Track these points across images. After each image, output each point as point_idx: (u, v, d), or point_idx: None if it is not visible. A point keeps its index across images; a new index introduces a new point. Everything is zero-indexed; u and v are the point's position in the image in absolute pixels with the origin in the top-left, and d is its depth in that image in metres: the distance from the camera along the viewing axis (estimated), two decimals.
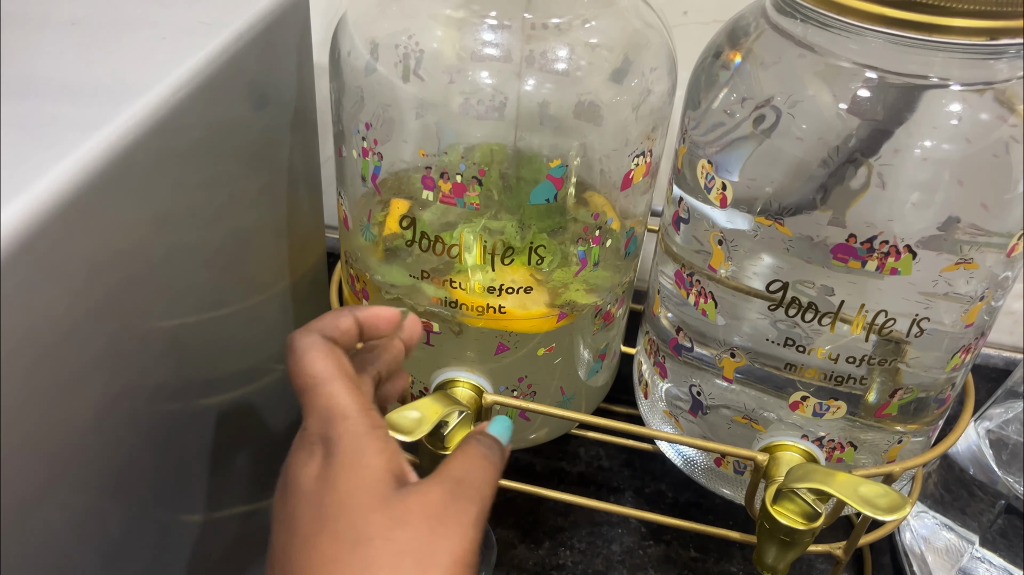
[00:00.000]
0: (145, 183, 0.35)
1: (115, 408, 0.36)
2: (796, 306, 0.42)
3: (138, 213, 0.35)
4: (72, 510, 0.35)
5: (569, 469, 0.69)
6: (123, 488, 0.38)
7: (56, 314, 0.31)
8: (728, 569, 0.62)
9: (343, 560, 0.30)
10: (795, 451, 0.46)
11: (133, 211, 0.35)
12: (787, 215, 0.40)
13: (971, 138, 0.36)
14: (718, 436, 0.49)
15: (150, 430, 0.40)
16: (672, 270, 0.48)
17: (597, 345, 0.51)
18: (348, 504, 0.32)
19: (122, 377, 0.36)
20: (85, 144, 0.31)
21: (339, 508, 0.32)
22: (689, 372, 0.48)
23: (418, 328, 0.41)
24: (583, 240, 0.44)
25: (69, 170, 0.30)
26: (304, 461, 0.33)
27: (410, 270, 0.45)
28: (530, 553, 0.63)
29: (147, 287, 0.37)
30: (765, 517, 0.43)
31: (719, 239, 0.43)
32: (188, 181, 0.39)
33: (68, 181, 0.30)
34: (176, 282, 0.40)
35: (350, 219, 0.47)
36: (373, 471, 0.33)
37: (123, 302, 0.36)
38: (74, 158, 0.31)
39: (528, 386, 0.49)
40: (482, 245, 0.43)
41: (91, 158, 0.31)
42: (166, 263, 0.39)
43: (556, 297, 0.46)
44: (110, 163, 0.32)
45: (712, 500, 0.67)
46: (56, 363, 0.31)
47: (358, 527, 0.31)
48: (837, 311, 0.41)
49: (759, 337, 0.44)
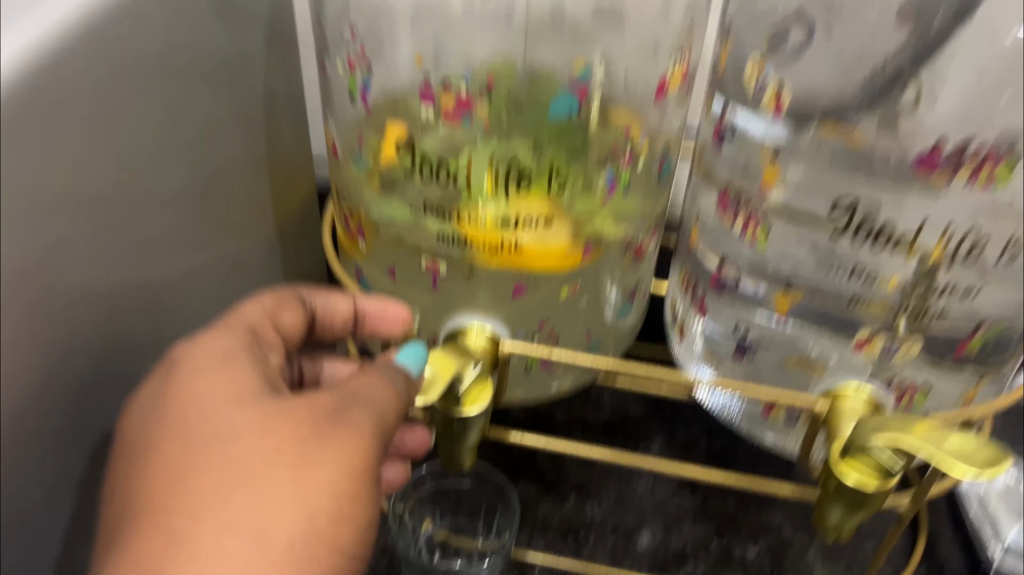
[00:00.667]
0: (92, 111, 0.29)
1: (75, 368, 0.31)
2: (866, 230, 0.35)
3: (87, 149, 0.29)
4: (40, 475, 0.30)
5: (593, 418, 0.64)
6: (95, 453, 0.33)
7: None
8: (771, 519, 0.58)
9: (195, 464, 0.24)
10: (859, 397, 0.40)
11: (79, 146, 0.29)
12: (855, 121, 0.33)
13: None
14: (766, 381, 0.43)
15: (124, 393, 0.34)
16: (713, 195, 0.41)
17: (627, 283, 0.45)
18: (204, 403, 0.25)
19: (83, 335, 0.31)
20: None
21: (190, 408, 0.25)
22: (734, 310, 0.42)
23: (425, 443, 0.35)
24: (611, 162, 0.38)
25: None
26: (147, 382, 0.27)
27: (411, 203, 0.39)
28: (554, 509, 0.58)
29: (106, 236, 0.32)
30: (830, 475, 0.37)
31: (773, 155, 0.37)
32: (147, 109, 0.33)
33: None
34: (142, 229, 0.34)
35: (339, 146, 0.41)
36: (240, 372, 0.26)
37: (77, 254, 0.30)
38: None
39: (550, 331, 0.44)
40: (493, 170, 0.37)
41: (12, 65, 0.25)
42: (128, 208, 0.33)
43: (580, 230, 0.40)
44: (32, 73, 0.26)
45: (749, 446, 0.62)
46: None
47: (216, 424, 0.25)
48: (916, 235, 0.35)
49: (819, 267, 0.38)
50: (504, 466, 0.60)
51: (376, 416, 0.27)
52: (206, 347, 0.27)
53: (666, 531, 0.57)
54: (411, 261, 0.41)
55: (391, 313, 0.33)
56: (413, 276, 0.42)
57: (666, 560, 0.55)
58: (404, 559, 0.46)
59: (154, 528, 0.23)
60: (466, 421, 0.39)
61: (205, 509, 0.23)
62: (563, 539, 0.56)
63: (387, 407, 0.28)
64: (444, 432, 0.40)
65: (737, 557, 0.55)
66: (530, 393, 0.47)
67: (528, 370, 0.45)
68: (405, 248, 0.41)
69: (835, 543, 0.56)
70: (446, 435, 0.40)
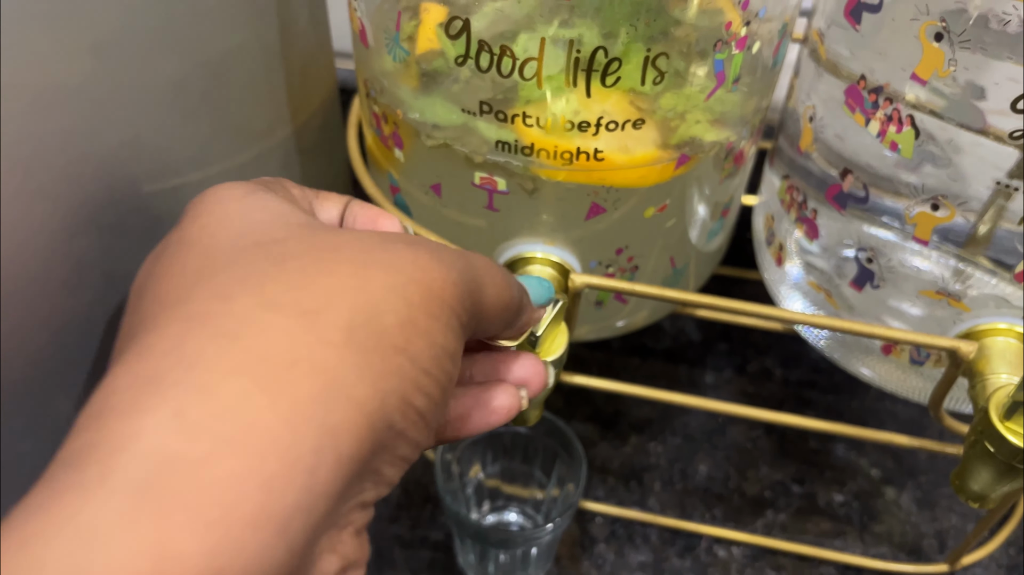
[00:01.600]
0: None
1: (77, 297, 0.24)
2: None
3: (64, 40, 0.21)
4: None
5: (653, 345, 0.57)
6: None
7: None
8: (857, 462, 0.51)
9: (227, 260, 0.19)
10: (1013, 337, 0.33)
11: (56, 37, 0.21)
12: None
13: None
14: (892, 314, 0.36)
15: (114, 321, 0.29)
16: (839, 88, 0.33)
17: (720, 198, 0.37)
18: (234, 219, 0.21)
19: (69, 263, 0.24)
20: None
21: (220, 224, 0.21)
22: (858, 231, 0.34)
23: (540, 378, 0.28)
24: (722, 44, 0.30)
25: None
26: None
27: (460, 102, 0.31)
28: (614, 451, 0.51)
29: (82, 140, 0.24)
30: (987, 434, 0.30)
31: (937, 32, 0.28)
32: None
33: None
34: (124, 132, 0.27)
35: (369, 31, 0.33)
36: (273, 199, 0.22)
37: (49, 159, 0.22)
38: None
39: (628, 259, 0.36)
40: (571, 56, 0.28)
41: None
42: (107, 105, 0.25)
43: (675, 132, 0.32)
44: None
45: (831, 376, 0.55)
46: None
47: (254, 231, 0.20)
48: None
49: (983, 180, 0.30)
50: (554, 402, 0.53)
51: (465, 263, 0.22)
52: (229, 187, 0.22)
53: (740, 475, 0.50)
54: (461, 175, 0.33)
55: (383, 226, 0.26)
56: (463, 193, 0.34)
57: (743, 507, 0.49)
58: (453, 516, 0.40)
59: (172, 316, 0.18)
60: None
61: (237, 290, 0.18)
62: (625, 485, 0.50)
63: (484, 272, 0.22)
64: None
65: (822, 503, 0.49)
66: (597, 329, 0.40)
67: (600, 303, 0.38)
68: (453, 159, 0.33)
69: (930, 488, 0.50)
70: None
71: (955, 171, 0.30)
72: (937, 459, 0.51)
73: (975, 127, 0.29)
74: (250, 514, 0.15)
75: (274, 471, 0.16)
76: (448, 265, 0.21)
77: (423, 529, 0.47)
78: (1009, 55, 0.27)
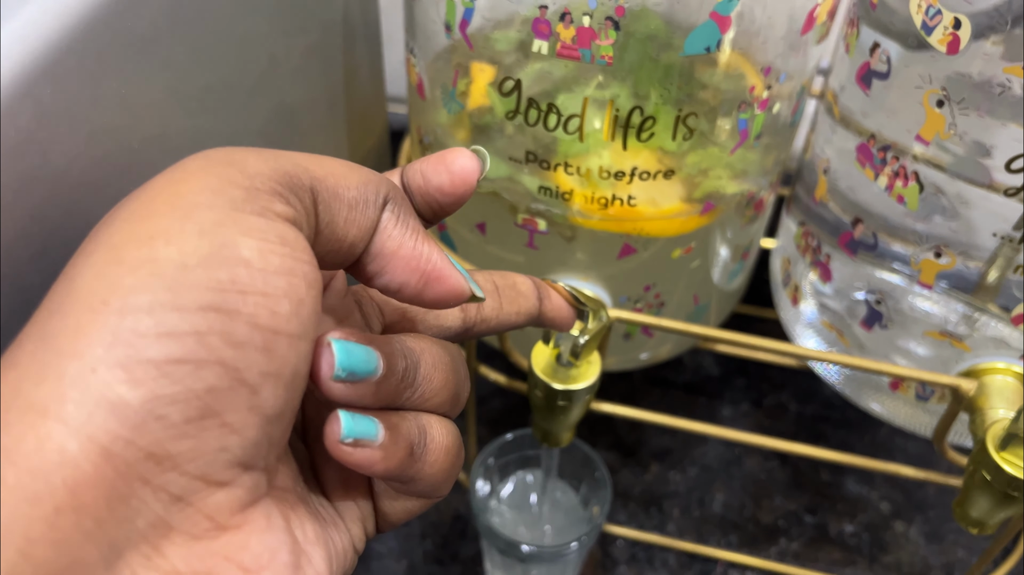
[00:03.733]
0: (158, 46, 0.24)
1: None
2: None
3: (151, 90, 0.25)
4: None
5: (673, 378, 0.60)
6: None
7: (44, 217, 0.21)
8: (868, 494, 0.54)
9: None
10: (1011, 376, 0.36)
11: (144, 87, 0.24)
12: None
13: None
14: (899, 352, 0.38)
15: None
16: (852, 143, 0.36)
17: (741, 241, 0.40)
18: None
19: None
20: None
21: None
22: (867, 275, 0.37)
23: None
24: (746, 105, 0.33)
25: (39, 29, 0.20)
26: None
27: (507, 153, 0.35)
28: (636, 479, 0.54)
29: None
30: (984, 465, 0.33)
31: (939, 99, 0.31)
32: (216, 43, 0.28)
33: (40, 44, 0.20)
34: None
35: (426, 84, 0.36)
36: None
37: None
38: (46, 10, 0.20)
39: (656, 296, 0.39)
40: (611, 114, 0.32)
41: (72, 9, 0.21)
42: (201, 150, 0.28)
43: (701, 184, 0.35)
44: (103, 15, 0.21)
45: (844, 411, 0.57)
46: None
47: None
48: None
49: (981, 231, 0.33)
50: (579, 430, 0.56)
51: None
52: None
53: (755, 504, 0.53)
54: (505, 216, 0.37)
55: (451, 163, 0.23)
56: (506, 232, 0.37)
57: (758, 535, 0.51)
58: (485, 530, 0.43)
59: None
60: (571, 395, 0.35)
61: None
62: (645, 511, 0.52)
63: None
64: (545, 407, 0.36)
65: (833, 533, 0.52)
66: (623, 360, 0.43)
67: (628, 336, 0.41)
68: (499, 202, 0.36)
69: (938, 522, 0.52)
70: (547, 410, 0.36)
71: (963, 223, 0.33)
72: (945, 494, 0.54)
73: (982, 182, 0.32)
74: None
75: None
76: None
77: (454, 545, 0.50)
78: (1012, 118, 0.30)
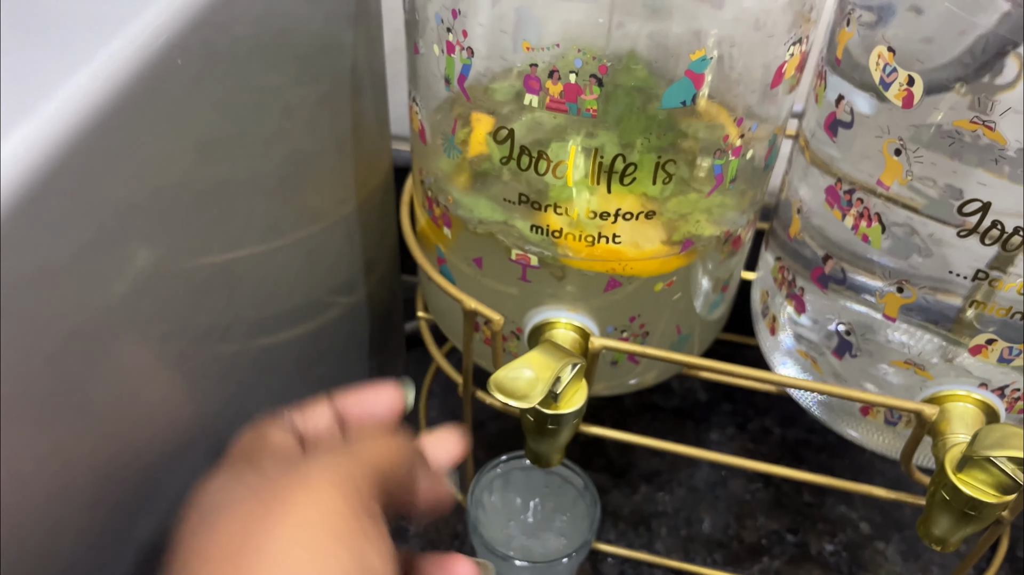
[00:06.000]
0: (183, 99, 0.27)
1: (160, 351, 0.30)
2: (996, 232, 0.33)
3: (176, 139, 0.28)
4: (117, 466, 0.29)
5: (662, 403, 0.62)
6: (172, 437, 0.32)
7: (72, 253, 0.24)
8: (847, 515, 0.56)
9: None
10: (970, 402, 0.38)
11: (170, 137, 0.27)
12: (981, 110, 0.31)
13: None
14: (867, 380, 0.41)
15: (202, 373, 0.34)
16: (822, 185, 0.39)
17: (721, 275, 0.43)
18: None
19: (165, 319, 0.30)
20: (107, 49, 0.23)
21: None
22: (837, 307, 0.40)
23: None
24: (720, 152, 0.36)
25: (87, 86, 0.23)
26: None
27: (502, 197, 0.37)
28: (625, 499, 0.56)
29: (189, 224, 0.30)
30: (943, 485, 0.36)
31: (896, 148, 0.34)
32: (235, 95, 0.31)
33: (86, 101, 0.22)
34: (224, 217, 0.33)
35: (428, 131, 0.39)
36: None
37: (161, 241, 0.29)
38: (93, 69, 0.23)
39: (641, 326, 0.42)
40: (596, 161, 0.35)
41: (115, 67, 0.23)
42: (212, 197, 0.31)
43: (680, 225, 0.38)
44: (140, 72, 0.24)
45: (825, 436, 0.60)
46: (80, 305, 0.24)
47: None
48: None
49: (939, 268, 0.36)
50: (572, 452, 0.59)
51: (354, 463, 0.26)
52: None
53: (739, 523, 0.55)
54: (500, 252, 0.40)
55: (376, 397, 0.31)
56: (501, 267, 0.40)
57: (741, 553, 0.54)
58: (481, 543, 0.45)
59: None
60: (560, 419, 0.38)
61: None
62: (634, 530, 0.55)
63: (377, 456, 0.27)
64: (536, 430, 0.38)
65: (814, 552, 0.54)
66: (612, 386, 0.46)
67: (615, 363, 0.44)
68: (495, 240, 0.39)
69: (914, 541, 0.54)
70: (537, 433, 0.39)
71: (937, 260, 0.36)
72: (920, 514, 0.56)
73: (954, 223, 0.34)
74: None
75: None
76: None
77: None
78: (977, 163, 0.32)
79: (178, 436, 0.33)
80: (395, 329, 0.57)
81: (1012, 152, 0.31)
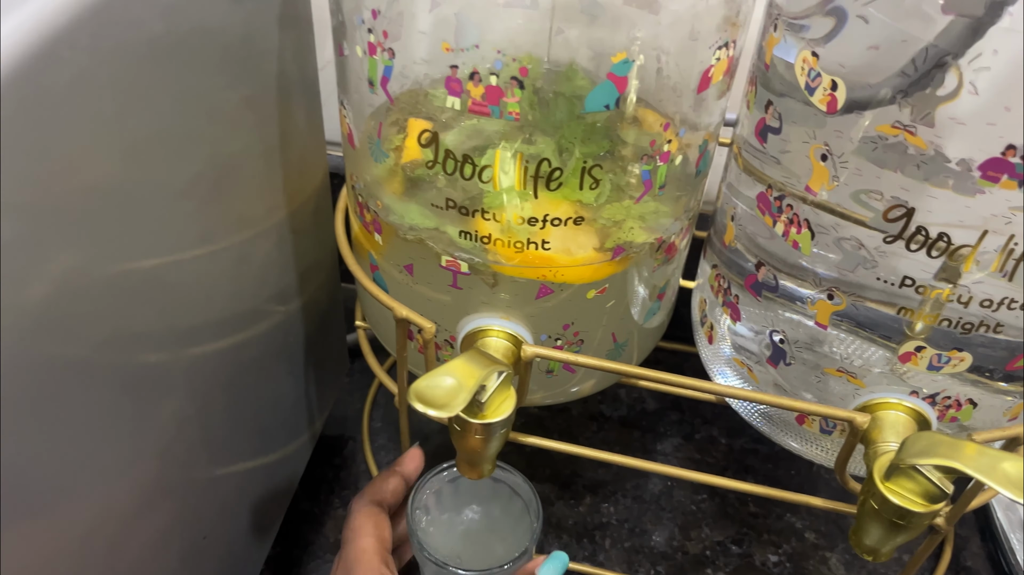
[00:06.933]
0: (97, 97, 0.26)
1: (85, 358, 0.29)
2: (921, 238, 0.33)
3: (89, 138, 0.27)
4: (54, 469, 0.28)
5: (609, 413, 0.62)
6: (101, 447, 0.31)
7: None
8: (793, 525, 0.56)
9: None
10: (901, 410, 0.38)
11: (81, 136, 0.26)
12: (922, 121, 0.31)
13: None
14: (801, 388, 0.41)
15: (132, 383, 0.33)
16: (753, 192, 0.39)
17: (656, 283, 0.43)
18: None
19: (90, 325, 0.29)
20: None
21: None
22: (771, 315, 0.40)
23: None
24: (648, 158, 0.35)
25: None
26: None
27: (432, 202, 0.37)
28: (569, 510, 0.56)
29: (113, 228, 0.30)
30: (872, 495, 0.35)
31: (822, 154, 0.34)
32: (155, 96, 0.30)
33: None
34: (150, 221, 0.32)
35: (356, 134, 0.39)
36: None
37: (84, 247, 0.28)
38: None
39: (575, 334, 0.41)
40: (522, 167, 0.34)
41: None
42: (135, 200, 0.31)
43: (610, 232, 0.38)
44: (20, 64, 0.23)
45: (771, 446, 0.60)
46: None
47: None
48: (976, 244, 0.32)
49: (867, 275, 0.35)
50: (517, 462, 0.58)
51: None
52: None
53: (684, 535, 0.55)
54: (430, 258, 0.39)
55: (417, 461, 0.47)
56: (432, 273, 0.39)
57: (685, 565, 0.53)
58: (419, 554, 0.44)
59: None
60: (487, 428, 0.37)
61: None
62: (578, 542, 0.54)
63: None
64: (464, 440, 0.38)
65: (758, 563, 0.54)
66: (551, 395, 0.45)
67: (550, 372, 0.43)
68: (425, 246, 0.38)
69: None
70: (466, 443, 0.38)
71: (843, 266, 0.36)
72: None
73: (880, 229, 0.34)
74: None
75: None
76: None
77: None
78: (900, 168, 0.32)
79: (97, 447, 0.31)
80: (336, 338, 0.56)
81: (931, 157, 0.31)
